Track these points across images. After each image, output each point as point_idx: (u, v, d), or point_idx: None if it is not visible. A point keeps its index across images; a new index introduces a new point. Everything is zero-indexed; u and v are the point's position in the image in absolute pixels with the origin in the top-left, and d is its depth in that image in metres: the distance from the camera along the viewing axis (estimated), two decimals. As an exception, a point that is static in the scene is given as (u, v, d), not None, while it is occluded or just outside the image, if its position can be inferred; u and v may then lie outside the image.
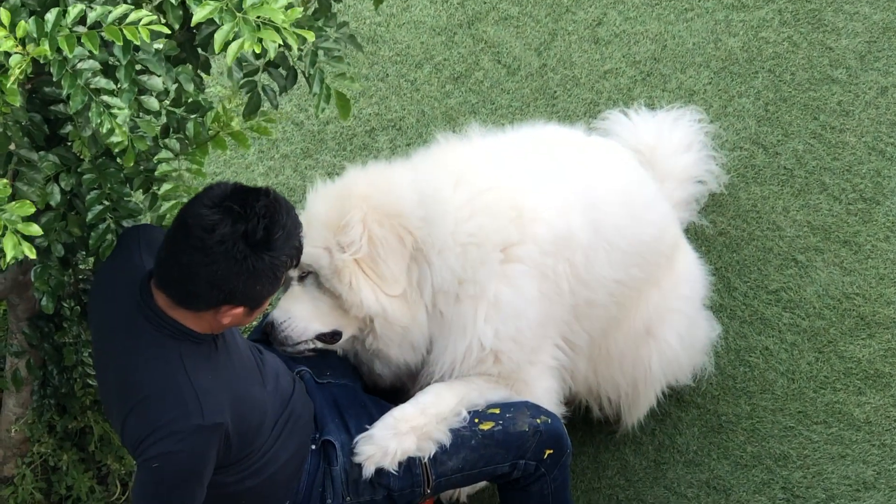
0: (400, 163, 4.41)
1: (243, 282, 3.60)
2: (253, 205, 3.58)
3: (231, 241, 3.56)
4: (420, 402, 4.24)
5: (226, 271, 3.58)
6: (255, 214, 3.57)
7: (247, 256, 3.57)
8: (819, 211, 5.49)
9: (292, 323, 4.27)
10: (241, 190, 3.62)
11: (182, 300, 3.67)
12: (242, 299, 3.66)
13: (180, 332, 3.72)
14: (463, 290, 4.24)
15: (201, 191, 3.65)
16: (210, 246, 3.56)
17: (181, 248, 3.59)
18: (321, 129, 5.64)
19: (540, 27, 5.95)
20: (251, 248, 3.57)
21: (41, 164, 3.67)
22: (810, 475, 4.91)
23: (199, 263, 3.58)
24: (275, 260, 3.62)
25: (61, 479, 4.54)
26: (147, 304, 3.72)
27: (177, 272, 3.62)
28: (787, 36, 5.94)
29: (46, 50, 3.19)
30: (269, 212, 3.59)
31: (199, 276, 3.60)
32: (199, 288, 3.62)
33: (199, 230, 3.56)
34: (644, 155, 5.09)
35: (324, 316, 4.27)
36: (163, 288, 3.68)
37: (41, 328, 4.26)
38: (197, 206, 3.59)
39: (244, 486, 3.99)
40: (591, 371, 4.64)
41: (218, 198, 3.59)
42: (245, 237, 3.56)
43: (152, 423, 3.69)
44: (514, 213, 4.26)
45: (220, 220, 3.55)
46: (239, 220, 3.56)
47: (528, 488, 4.32)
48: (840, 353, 5.17)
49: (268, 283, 3.65)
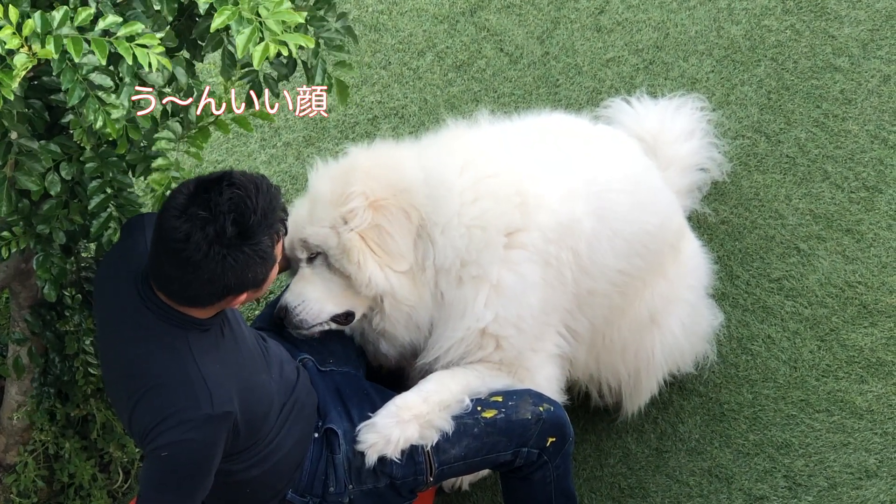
0: (406, 143, 4.41)
1: (233, 276, 3.61)
2: (217, 201, 3.56)
3: (206, 245, 3.55)
4: (423, 389, 4.24)
5: (212, 274, 3.59)
6: (220, 213, 3.55)
7: (225, 255, 3.57)
8: (821, 199, 5.48)
9: (307, 306, 4.26)
10: (203, 188, 3.59)
11: (184, 302, 3.69)
12: (241, 288, 3.67)
13: (187, 322, 3.73)
14: (465, 272, 4.24)
15: (168, 198, 3.63)
16: (189, 256, 3.56)
17: (166, 260, 3.61)
18: (323, 117, 5.64)
19: (542, 15, 5.94)
20: (227, 247, 3.57)
21: (42, 154, 3.67)
22: (812, 463, 4.91)
23: (188, 272, 3.59)
24: (256, 246, 3.61)
25: (63, 467, 4.54)
26: (150, 299, 3.73)
27: (170, 281, 3.64)
28: (790, 24, 5.93)
29: (52, 52, 3.18)
30: (235, 204, 3.57)
31: (190, 283, 3.61)
32: (195, 291, 3.64)
33: (175, 243, 3.56)
34: (646, 142, 5.09)
35: (336, 297, 4.27)
36: (163, 292, 3.70)
37: (43, 316, 4.26)
38: (167, 218, 3.58)
39: (250, 474, 4.00)
40: (592, 359, 4.64)
41: (182, 205, 3.57)
42: (217, 238, 3.55)
43: (161, 412, 3.69)
44: (518, 199, 4.26)
45: (191, 229, 3.54)
46: (207, 224, 3.54)
47: (531, 476, 4.32)
48: (842, 341, 5.16)
49: (258, 266, 3.65)
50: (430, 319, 4.31)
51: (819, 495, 4.84)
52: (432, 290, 4.26)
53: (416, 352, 4.39)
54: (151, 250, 3.66)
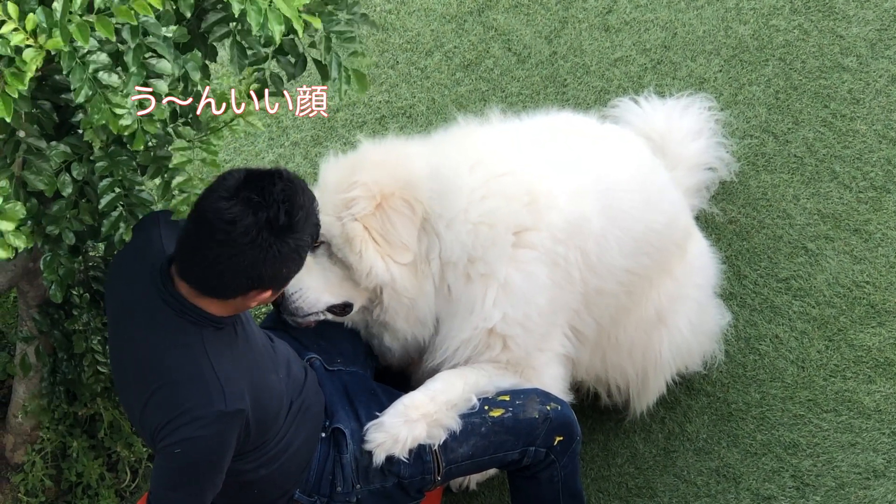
0: (418, 139, 4.42)
1: (271, 267, 3.62)
2: (270, 190, 3.58)
3: (255, 231, 3.56)
4: (430, 389, 4.24)
5: (252, 260, 3.59)
6: (274, 201, 3.57)
7: (272, 244, 3.58)
8: (829, 199, 5.48)
9: (304, 294, 4.27)
10: (256, 176, 3.62)
11: (208, 291, 3.68)
12: (270, 283, 3.67)
13: (202, 318, 3.72)
14: (474, 269, 4.24)
15: (214, 182, 3.64)
16: (234, 239, 3.56)
17: (205, 244, 3.59)
18: (331, 117, 5.64)
19: (550, 15, 5.94)
20: (276, 235, 3.58)
21: (51, 154, 3.67)
22: (820, 463, 4.91)
23: (226, 256, 3.58)
24: (299, 241, 3.64)
25: (71, 466, 4.55)
26: (168, 291, 3.72)
27: (202, 266, 3.63)
28: (798, 24, 5.93)
29: (60, 42, 3.17)
30: (288, 195, 3.60)
31: (226, 268, 3.60)
32: (227, 279, 3.63)
33: (222, 224, 3.55)
34: (654, 142, 5.09)
35: (334, 287, 4.27)
36: (187, 279, 3.68)
37: (51, 315, 4.26)
38: (214, 200, 3.58)
39: (258, 474, 4.00)
40: (599, 358, 4.64)
41: (234, 188, 3.58)
42: (269, 225, 3.57)
43: (174, 409, 3.69)
44: (528, 198, 4.26)
45: (241, 212, 3.55)
46: (260, 209, 3.56)
47: (538, 475, 4.32)
48: (850, 341, 5.16)
49: (293, 264, 3.68)
50: (435, 314, 4.32)
51: (827, 495, 4.84)
52: (437, 283, 4.27)
53: (421, 348, 4.39)
54: (184, 233, 3.64)
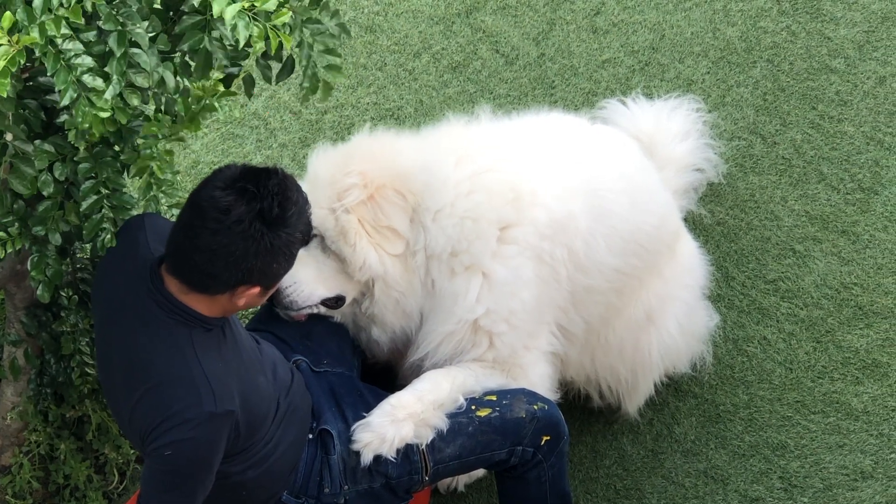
0: (407, 133, 4.43)
1: (261, 260, 3.64)
2: (265, 183, 3.62)
3: (248, 220, 3.59)
4: (417, 388, 4.24)
5: (244, 251, 3.61)
6: (268, 193, 3.61)
7: (264, 234, 3.61)
8: (817, 201, 5.49)
9: (298, 287, 4.27)
10: (252, 170, 3.66)
11: (198, 284, 3.68)
12: (259, 278, 3.68)
13: (192, 318, 3.73)
14: (457, 263, 4.25)
15: (211, 174, 3.69)
16: (227, 227, 3.59)
17: (197, 232, 3.61)
18: (319, 119, 5.64)
19: (538, 16, 5.94)
20: (268, 227, 3.61)
21: (36, 155, 3.66)
22: (808, 465, 4.91)
23: (217, 245, 3.60)
24: (290, 237, 3.66)
25: (59, 468, 4.54)
26: (158, 290, 3.72)
27: (193, 256, 3.64)
28: (786, 25, 5.94)
29: (36, 38, 3.18)
30: (282, 189, 3.64)
31: (217, 257, 3.62)
32: (217, 270, 3.64)
33: (215, 212, 3.59)
34: (643, 143, 5.09)
35: (328, 280, 4.28)
36: (177, 273, 3.69)
37: (39, 317, 4.26)
38: (210, 189, 3.63)
39: (246, 476, 4.00)
40: (589, 358, 4.65)
41: (230, 179, 3.63)
42: (261, 215, 3.60)
43: (164, 411, 3.69)
44: (512, 194, 4.27)
45: (236, 201, 3.59)
46: (254, 200, 3.60)
47: (526, 475, 4.32)
48: (838, 342, 5.17)
49: (283, 261, 3.69)
50: (420, 308, 4.33)
51: (814, 496, 4.85)
52: (422, 277, 4.28)
53: (408, 340, 4.40)
54: (177, 223, 3.67)
